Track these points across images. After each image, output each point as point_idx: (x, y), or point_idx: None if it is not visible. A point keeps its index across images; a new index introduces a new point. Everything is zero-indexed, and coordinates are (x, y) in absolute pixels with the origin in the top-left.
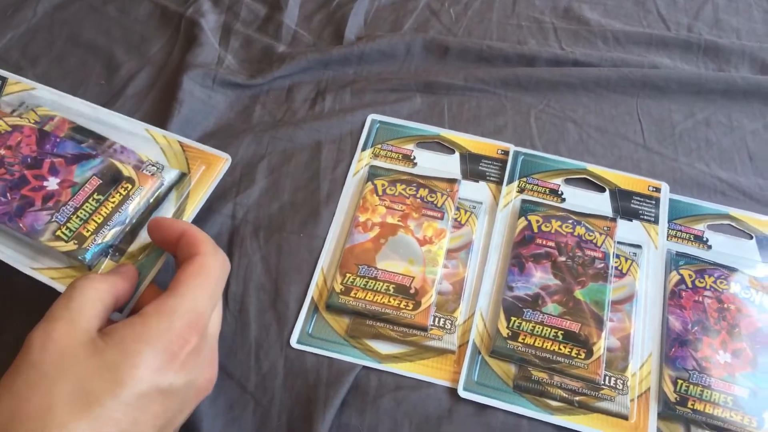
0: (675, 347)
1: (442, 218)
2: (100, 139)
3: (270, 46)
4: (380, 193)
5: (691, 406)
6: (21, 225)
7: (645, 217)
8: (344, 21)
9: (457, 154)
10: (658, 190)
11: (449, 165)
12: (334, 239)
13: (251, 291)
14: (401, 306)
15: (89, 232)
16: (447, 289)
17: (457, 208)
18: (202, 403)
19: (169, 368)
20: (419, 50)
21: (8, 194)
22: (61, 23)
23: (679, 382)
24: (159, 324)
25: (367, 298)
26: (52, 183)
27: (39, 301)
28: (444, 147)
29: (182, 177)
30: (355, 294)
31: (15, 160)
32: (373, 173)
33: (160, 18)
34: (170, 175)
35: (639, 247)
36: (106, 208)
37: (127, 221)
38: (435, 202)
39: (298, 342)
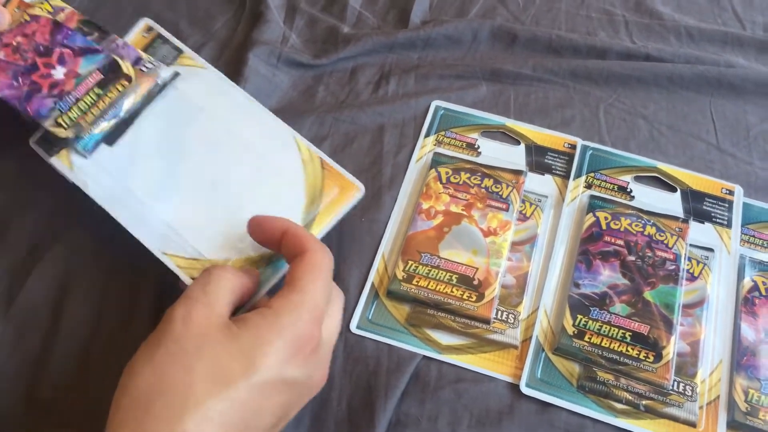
0: (747, 356)
1: (507, 210)
2: (105, 33)
3: (334, 27)
4: (444, 180)
5: (763, 417)
6: (29, 109)
7: (717, 220)
8: (409, 4)
9: (522, 146)
10: (731, 192)
11: (514, 156)
12: (396, 225)
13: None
14: (464, 297)
15: (86, 123)
16: (510, 283)
17: (522, 201)
18: None
19: (294, 360)
20: (486, 37)
21: (20, 79)
22: None
23: (751, 391)
24: (289, 316)
25: (429, 286)
26: (59, 72)
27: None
28: (509, 137)
29: (175, 76)
30: (417, 282)
31: (28, 47)
32: (437, 160)
33: None
34: (165, 74)
35: (711, 250)
36: (104, 102)
37: (121, 115)
38: (500, 193)
39: (358, 327)
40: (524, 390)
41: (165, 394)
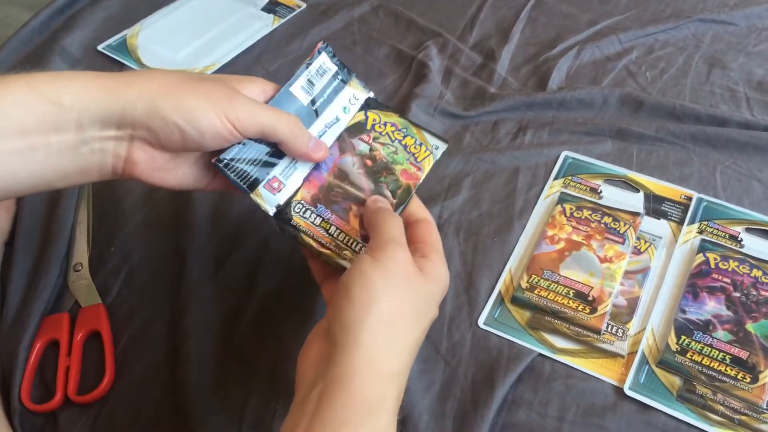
0: None
1: (623, 243)
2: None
3: (482, 88)
4: (568, 215)
5: None
6: None
7: None
8: (548, 73)
9: (641, 193)
10: None
11: (633, 201)
12: (523, 247)
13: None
14: (579, 308)
15: None
16: (622, 304)
17: (638, 238)
18: None
19: (440, 299)
20: (615, 102)
21: None
22: None
23: None
24: (442, 270)
25: (549, 297)
26: None
27: None
28: (630, 186)
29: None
30: (539, 292)
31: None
32: (563, 198)
33: (395, 58)
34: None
35: None
36: None
37: None
38: (617, 229)
39: (485, 323)
40: (627, 392)
41: (391, 324)
